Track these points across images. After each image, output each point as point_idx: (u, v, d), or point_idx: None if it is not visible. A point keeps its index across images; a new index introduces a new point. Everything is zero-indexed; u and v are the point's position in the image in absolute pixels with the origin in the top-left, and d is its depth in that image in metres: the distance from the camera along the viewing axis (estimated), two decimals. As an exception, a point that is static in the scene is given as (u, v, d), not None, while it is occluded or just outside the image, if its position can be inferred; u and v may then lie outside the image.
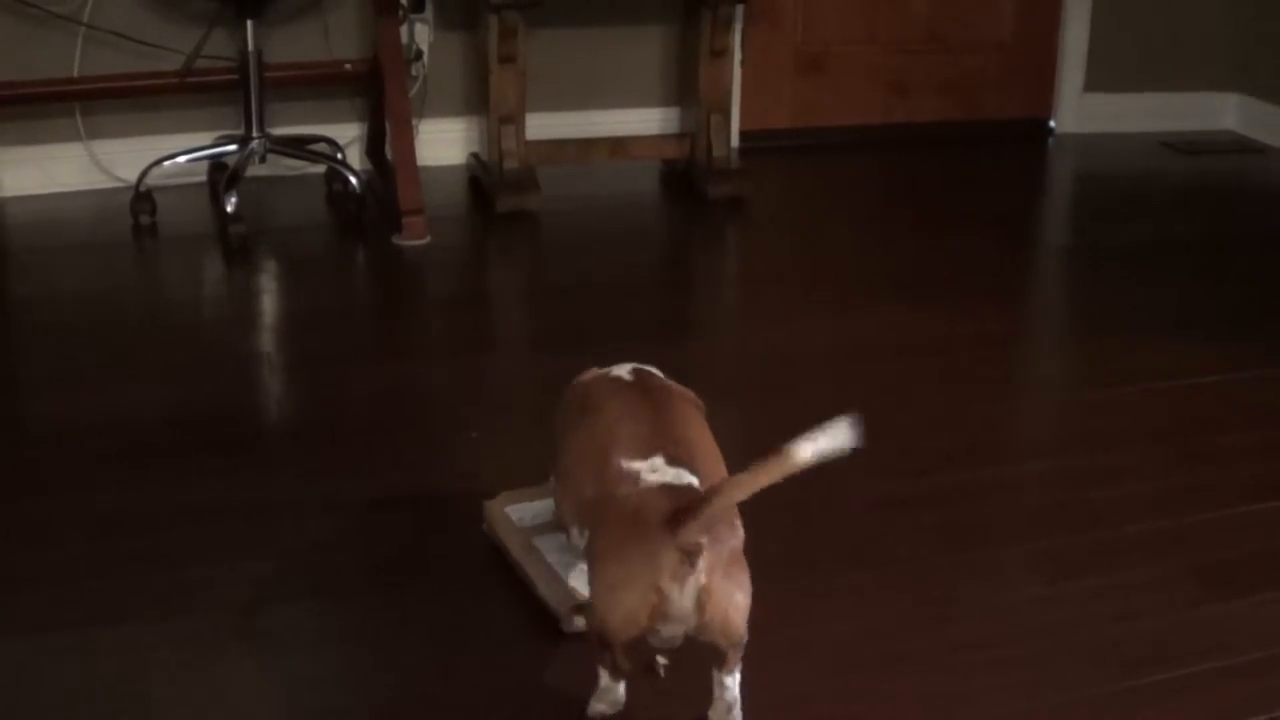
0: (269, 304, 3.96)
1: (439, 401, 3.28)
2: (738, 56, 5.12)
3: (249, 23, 4.27)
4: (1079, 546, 2.68)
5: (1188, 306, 3.93)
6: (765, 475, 1.89)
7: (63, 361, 3.45)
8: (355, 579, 2.51)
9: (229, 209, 4.15)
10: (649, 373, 2.37)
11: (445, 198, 4.65)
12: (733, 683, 2.07)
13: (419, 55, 4.77)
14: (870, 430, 3.12)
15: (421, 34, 4.75)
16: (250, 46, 4.30)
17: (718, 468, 2.15)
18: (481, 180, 4.74)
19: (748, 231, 4.66)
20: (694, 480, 2.05)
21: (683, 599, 1.94)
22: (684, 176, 4.89)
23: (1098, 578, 2.56)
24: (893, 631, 2.40)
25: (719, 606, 1.96)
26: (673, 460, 2.07)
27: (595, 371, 2.40)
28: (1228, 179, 5.23)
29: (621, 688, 2.13)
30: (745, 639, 2.03)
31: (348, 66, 4.65)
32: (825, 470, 2.91)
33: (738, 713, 2.08)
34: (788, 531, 2.69)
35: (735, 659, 2.05)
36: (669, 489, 2.01)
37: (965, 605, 2.48)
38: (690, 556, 1.92)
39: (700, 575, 1.93)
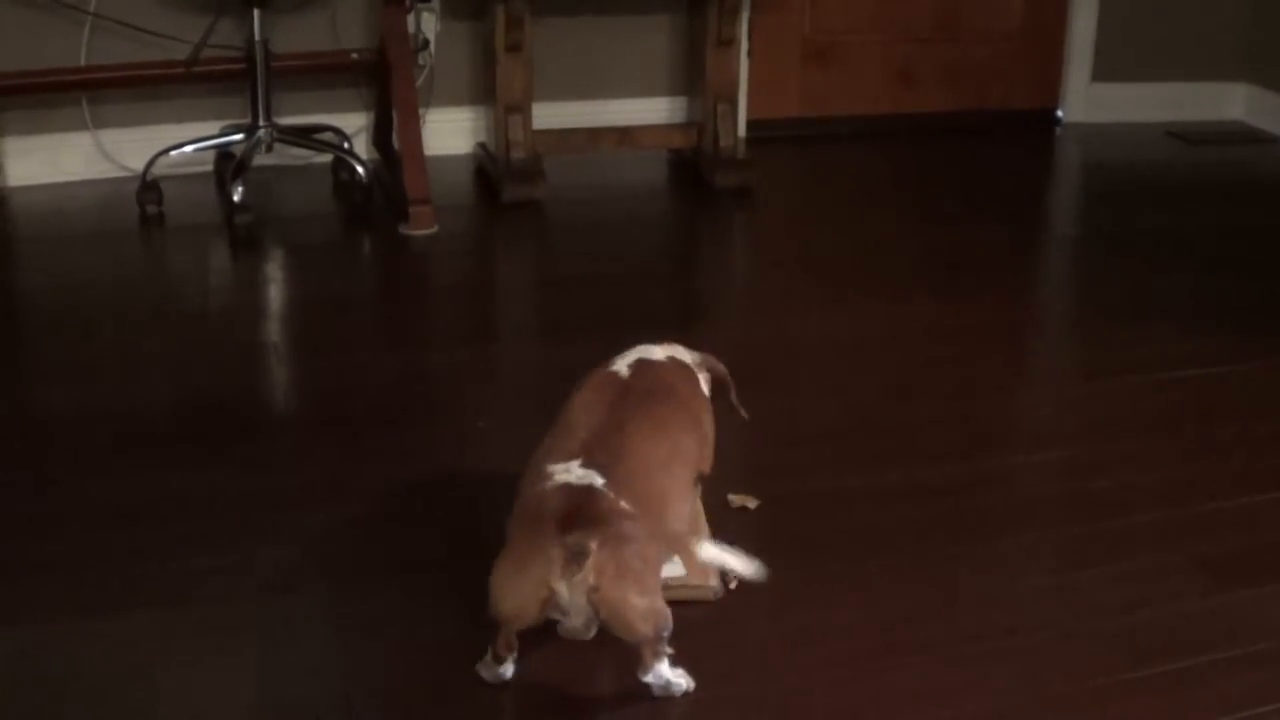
0: (275, 293, 3.97)
1: (446, 390, 3.28)
2: (745, 46, 5.11)
3: (256, 12, 4.26)
4: (1086, 537, 2.67)
5: (1195, 297, 3.92)
6: (667, 542, 2.13)
7: (69, 351, 3.45)
8: (363, 567, 2.52)
9: (236, 198, 4.15)
10: (649, 365, 2.41)
11: (452, 187, 4.65)
12: (654, 678, 2.13)
13: (425, 44, 4.76)
14: (876, 419, 3.14)
15: (428, 23, 4.74)
16: (257, 36, 4.30)
17: (644, 483, 2.17)
18: (488, 170, 4.74)
19: (755, 221, 4.66)
20: (599, 483, 2.10)
21: (572, 597, 2.02)
22: (691, 166, 4.89)
23: (1105, 568, 2.56)
24: (898, 621, 2.40)
25: (612, 608, 2.04)
26: (589, 463, 2.14)
27: (606, 364, 2.44)
28: (1235, 169, 5.22)
29: (505, 668, 2.17)
30: (655, 637, 2.09)
31: (354, 56, 4.64)
32: (831, 460, 2.93)
33: (674, 690, 2.15)
34: (793, 521, 2.69)
35: (649, 656, 2.11)
36: (568, 489, 2.09)
37: (971, 595, 2.48)
38: (576, 558, 1.99)
39: (589, 576, 2.00)
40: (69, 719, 2.12)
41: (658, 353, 2.47)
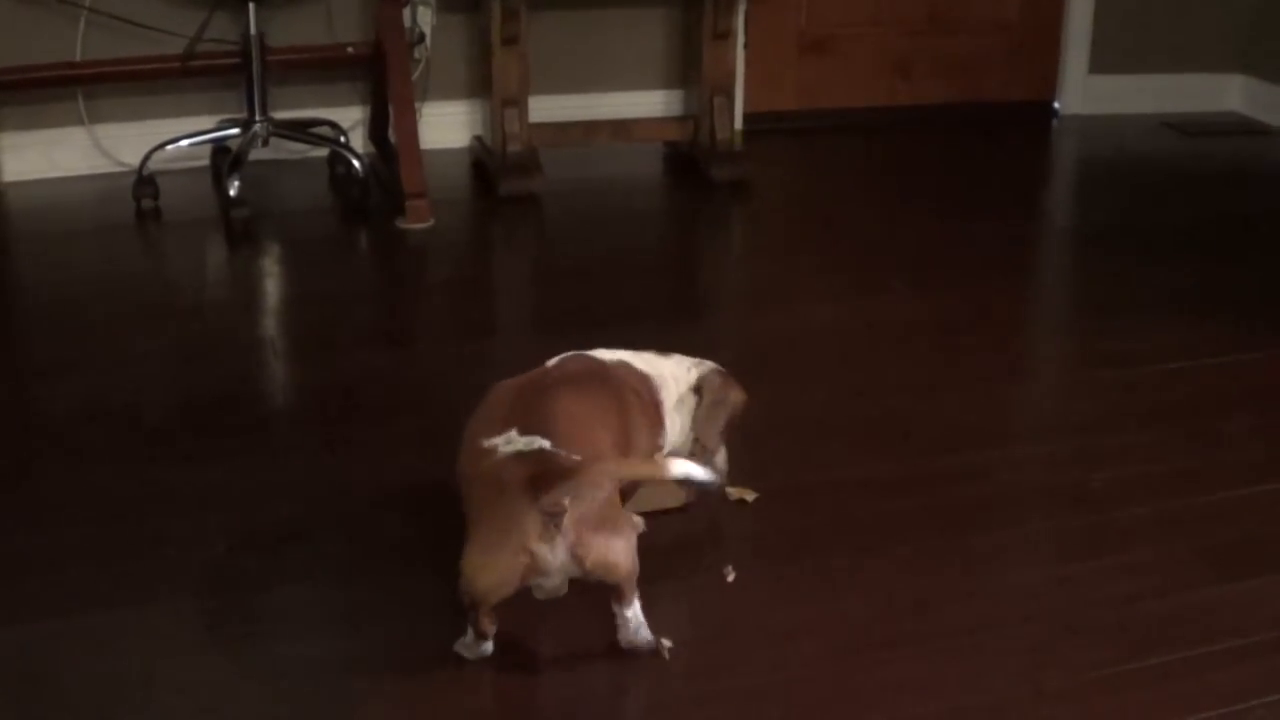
0: (272, 288, 3.96)
1: (443, 384, 3.27)
2: (741, 38, 5.11)
3: (251, 6, 4.26)
4: (1085, 528, 2.67)
5: (1193, 288, 3.92)
6: (634, 469, 2.16)
7: (64, 346, 3.45)
8: (359, 563, 2.51)
9: (232, 193, 4.15)
10: (577, 356, 2.48)
11: (448, 181, 4.64)
12: (631, 612, 2.19)
13: (421, 38, 4.76)
14: (873, 412, 3.14)
15: (424, 16, 4.74)
16: (253, 30, 4.29)
17: (583, 435, 2.22)
18: (484, 163, 4.73)
19: (751, 214, 4.66)
20: (546, 444, 2.15)
21: (554, 557, 2.08)
22: (688, 159, 4.88)
23: (1103, 560, 2.56)
24: (896, 614, 2.39)
25: (598, 557, 2.10)
26: (525, 430, 2.19)
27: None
28: (1232, 160, 5.22)
29: (486, 645, 2.21)
30: (633, 571, 2.17)
31: (350, 50, 4.64)
32: (828, 453, 2.93)
33: (645, 633, 2.21)
34: (790, 514, 2.69)
35: (628, 590, 2.19)
36: (522, 456, 2.13)
37: (968, 587, 2.48)
38: (554, 519, 2.05)
39: (569, 533, 2.07)
40: (61, 717, 2.12)
41: (602, 354, 2.51)
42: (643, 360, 2.52)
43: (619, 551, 2.14)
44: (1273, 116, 5.55)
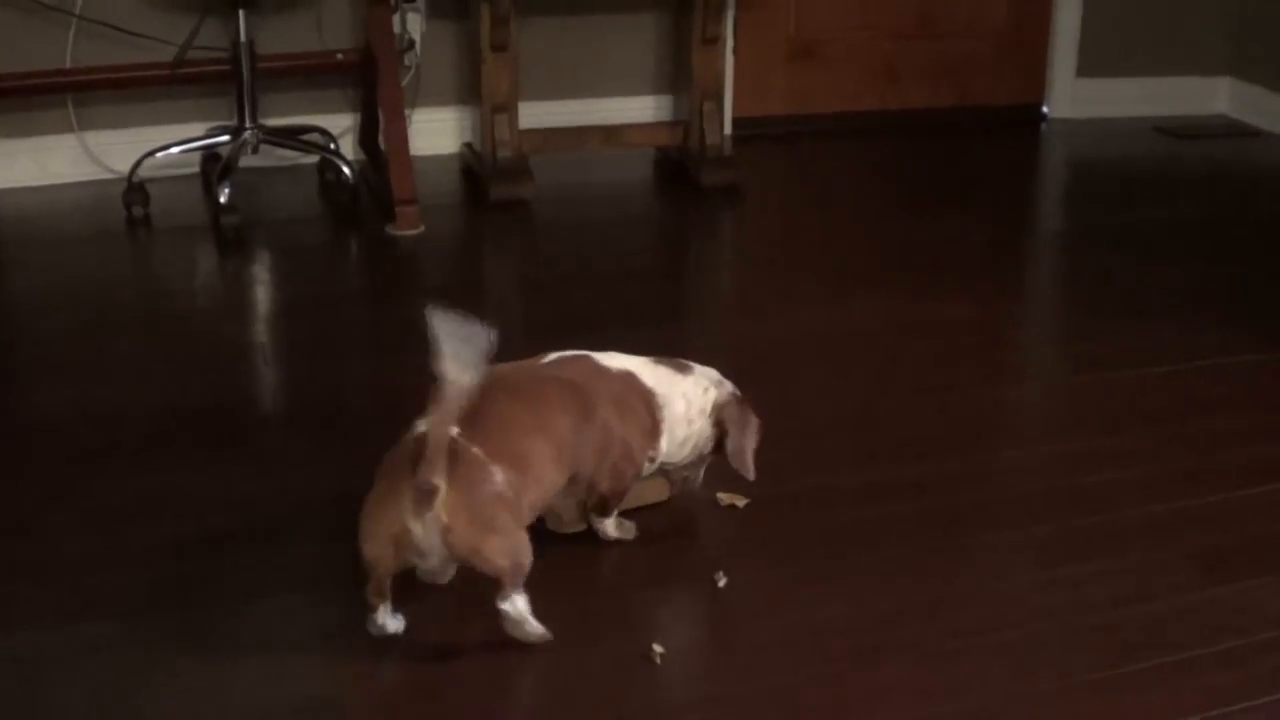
0: (262, 295, 3.96)
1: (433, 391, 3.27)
2: (730, 44, 5.11)
3: (241, 13, 4.26)
4: (1076, 531, 2.68)
5: (1182, 291, 3.93)
6: (443, 407, 2.13)
7: (55, 353, 3.44)
8: (351, 571, 2.51)
9: (222, 200, 4.15)
10: (572, 360, 2.51)
11: (439, 187, 4.64)
12: (508, 606, 2.20)
13: (411, 44, 4.76)
14: (863, 416, 3.14)
15: (414, 23, 4.74)
16: (242, 37, 4.29)
17: (505, 434, 2.27)
18: (475, 169, 4.74)
19: (741, 218, 4.66)
20: (454, 432, 2.18)
21: (426, 535, 2.13)
22: (677, 164, 4.89)
23: (1095, 562, 2.57)
24: (887, 618, 2.40)
25: (466, 545, 2.15)
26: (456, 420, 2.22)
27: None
28: (1221, 163, 5.23)
29: (386, 621, 2.26)
30: (513, 569, 2.19)
31: (340, 56, 4.64)
32: (818, 457, 2.93)
33: (527, 629, 2.22)
34: (781, 519, 2.69)
35: (506, 584, 2.20)
36: (420, 437, 2.17)
37: (960, 591, 2.48)
38: (425, 495, 2.10)
39: (441, 514, 2.11)
40: (58, 723, 2.12)
41: (609, 360, 2.52)
42: (654, 375, 2.52)
43: (493, 546, 2.17)
44: (1261, 119, 5.56)
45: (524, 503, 2.24)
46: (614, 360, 2.52)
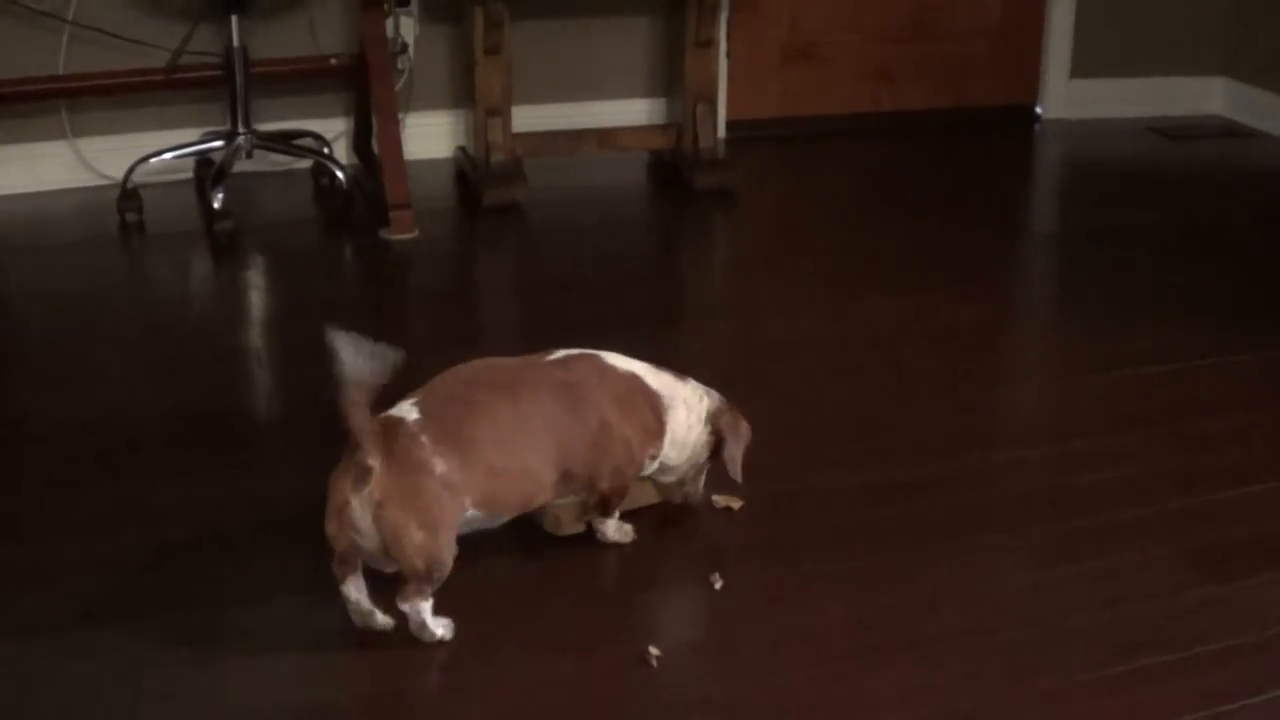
0: (256, 300, 3.96)
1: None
2: (724, 46, 5.11)
3: (234, 18, 4.26)
4: (1074, 531, 2.68)
5: (1177, 291, 3.93)
6: (351, 404, 2.19)
7: (49, 360, 3.44)
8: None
9: (216, 205, 4.14)
10: (578, 359, 2.52)
11: (432, 191, 4.64)
12: (409, 608, 2.23)
13: (404, 48, 4.75)
14: (859, 418, 3.14)
15: (407, 27, 4.74)
16: (235, 42, 4.29)
17: (474, 427, 2.31)
18: (468, 173, 4.73)
19: (735, 221, 4.66)
20: (411, 418, 2.27)
21: (361, 513, 2.18)
22: (671, 167, 4.88)
23: (1090, 563, 2.57)
24: (882, 618, 2.40)
25: (391, 531, 2.18)
26: (419, 404, 2.32)
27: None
28: (1215, 163, 5.23)
29: (356, 600, 2.29)
30: (425, 573, 2.21)
31: (333, 61, 4.63)
32: (813, 459, 2.93)
33: (427, 633, 2.26)
34: (777, 521, 2.69)
35: (413, 590, 2.23)
36: (382, 418, 2.25)
37: (956, 592, 2.48)
38: (362, 473, 2.16)
39: (374, 493, 2.16)
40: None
41: (617, 361, 2.53)
42: (658, 379, 2.54)
43: (413, 541, 2.18)
44: (1256, 119, 5.56)
45: (470, 494, 2.26)
46: (620, 361, 2.53)
